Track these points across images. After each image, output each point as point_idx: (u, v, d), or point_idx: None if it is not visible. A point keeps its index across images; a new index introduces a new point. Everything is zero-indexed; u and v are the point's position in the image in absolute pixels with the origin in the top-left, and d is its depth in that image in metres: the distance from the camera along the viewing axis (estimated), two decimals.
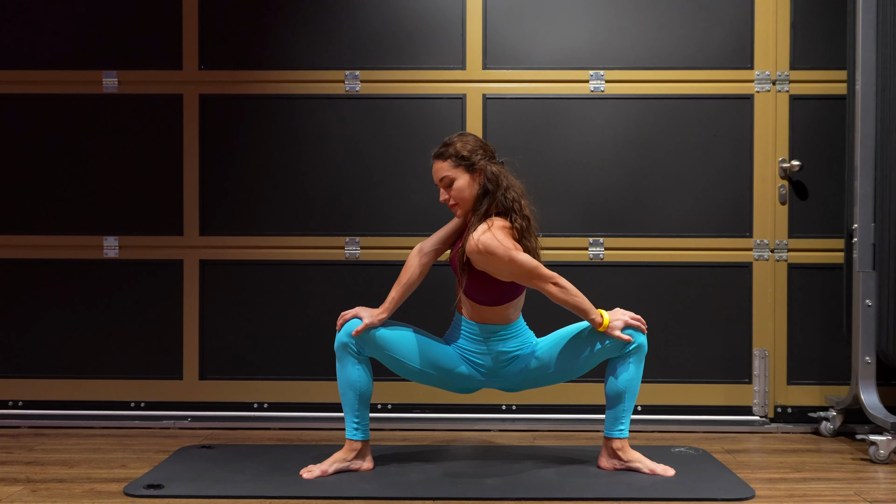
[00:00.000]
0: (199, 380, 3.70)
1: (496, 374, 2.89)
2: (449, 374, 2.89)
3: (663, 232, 3.66)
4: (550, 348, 2.90)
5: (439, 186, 2.89)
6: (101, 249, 3.72)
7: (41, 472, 2.94)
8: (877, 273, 3.26)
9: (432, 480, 2.79)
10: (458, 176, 2.85)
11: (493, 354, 2.87)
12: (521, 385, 2.94)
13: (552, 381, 2.93)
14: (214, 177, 3.71)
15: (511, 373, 2.89)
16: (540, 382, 2.93)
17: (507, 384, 2.94)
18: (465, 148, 2.85)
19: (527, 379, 2.91)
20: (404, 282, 2.87)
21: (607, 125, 3.67)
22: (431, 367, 2.88)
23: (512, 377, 2.90)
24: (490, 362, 2.87)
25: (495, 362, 2.88)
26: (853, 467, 3.05)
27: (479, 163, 2.85)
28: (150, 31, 3.71)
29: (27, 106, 3.73)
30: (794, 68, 3.64)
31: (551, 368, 2.89)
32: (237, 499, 2.64)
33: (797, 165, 3.60)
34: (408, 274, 2.88)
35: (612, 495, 2.66)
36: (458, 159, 2.85)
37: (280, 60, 3.71)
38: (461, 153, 2.85)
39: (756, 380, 3.64)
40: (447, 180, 2.86)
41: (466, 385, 2.94)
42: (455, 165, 2.85)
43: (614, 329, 2.84)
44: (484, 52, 3.68)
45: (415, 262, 2.90)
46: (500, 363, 2.88)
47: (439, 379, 2.91)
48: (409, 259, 2.91)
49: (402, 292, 2.87)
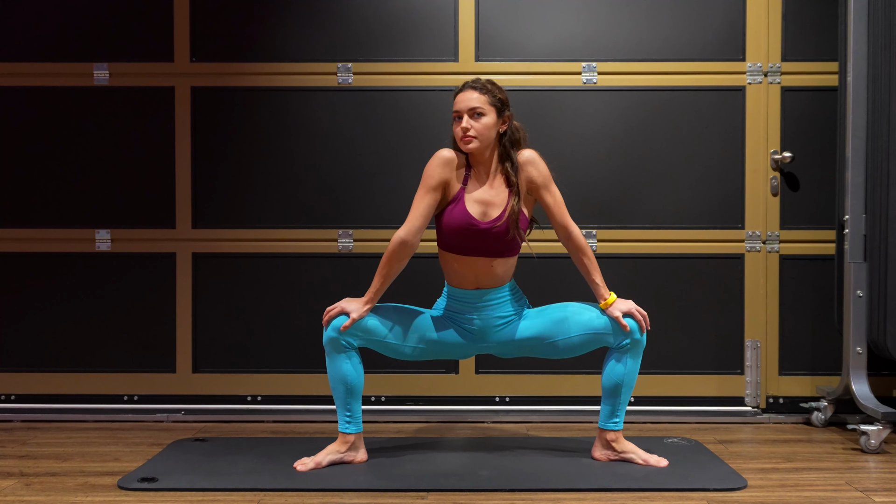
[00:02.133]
0: (193, 373, 3.70)
1: (488, 339, 2.92)
2: (441, 345, 2.92)
3: (655, 223, 3.67)
4: (545, 316, 2.91)
5: (462, 114, 2.83)
6: (93, 242, 3.71)
7: (34, 465, 2.94)
8: (868, 264, 3.28)
9: (426, 472, 2.79)
10: (489, 112, 2.84)
11: (485, 319, 2.89)
12: (514, 350, 2.96)
13: (543, 352, 2.94)
14: (207, 169, 3.70)
15: (503, 337, 2.91)
16: (533, 350, 2.94)
17: (499, 349, 2.96)
18: (503, 92, 2.90)
19: (521, 347, 2.93)
20: (391, 274, 2.85)
21: (600, 117, 3.67)
22: (423, 342, 2.90)
23: (505, 342, 2.92)
24: (482, 325, 2.90)
25: (487, 326, 2.90)
26: (844, 457, 3.07)
27: (508, 111, 2.89)
28: (141, 24, 3.70)
29: (18, 98, 3.71)
30: (786, 60, 3.64)
31: (545, 341, 2.90)
32: (231, 491, 2.64)
33: (789, 157, 3.61)
34: (395, 268, 2.84)
35: (605, 486, 2.67)
36: (494, 98, 2.86)
37: (272, 52, 3.70)
38: (498, 95, 2.88)
39: (748, 370, 3.66)
40: (478, 111, 2.84)
41: (461, 352, 2.97)
42: (490, 102, 2.85)
43: (616, 310, 2.85)
44: (476, 44, 3.67)
45: (403, 257, 2.84)
46: (492, 327, 2.90)
47: (433, 352, 2.93)
48: (396, 252, 2.82)
49: (386, 283, 2.86)
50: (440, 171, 2.84)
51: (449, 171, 2.85)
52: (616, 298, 2.88)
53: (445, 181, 2.85)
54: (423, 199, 2.84)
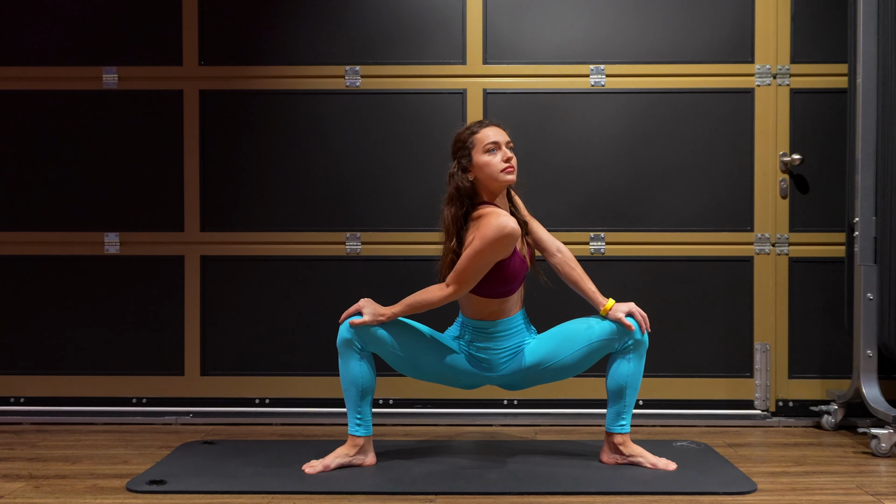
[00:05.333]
0: (201, 375, 3.71)
1: (498, 371, 2.89)
2: (451, 371, 2.90)
3: (664, 226, 3.66)
4: (550, 343, 2.90)
5: (501, 145, 2.82)
6: (101, 246, 3.72)
7: (43, 468, 2.94)
8: (878, 266, 3.26)
9: (434, 475, 2.79)
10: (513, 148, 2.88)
11: (495, 350, 2.87)
12: (523, 382, 2.93)
13: (554, 377, 2.92)
14: (215, 172, 3.71)
15: (512, 369, 2.89)
16: (543, 379, 2.93)
17: (509, 381, 2.93)
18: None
19: (528, 375, 2.91)
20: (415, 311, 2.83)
21: (608, 119, 3.66)
22: (434, 364, 2.88)
23: (513, 373, 2.90)
24: (492, 358, 2.87)
25: (497, 358, 2.88)
26: (855, 461, 3.05)
27: None
28: (150, 27, 3.71)
29: (27, 102, 3.73)
30: (795, 62, 3.63)
31: (552, 364, 2.88)
32: (240, 494, 2.64)
33: (798, 159, 3.60)
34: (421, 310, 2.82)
35: (614, 489, 2.66)
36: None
37: (280, 56, 3.70)
38: None
39: (757, 374, 3.64)
40: (511, 146, 2.86)
41: (469, 381, 2.94)
42: None
43: (618, 311, 2.85)
44: (484, 46, 3.67)
45: (432, 307, 2.81)
46: (501, 359, 2.88)
47: (441, 375, 2.91)
48: (433, 302, 2.80)
49: (407, 314, 2.84)
50: (510, 247, 2.76)
51: (515, 243, 2.79)
52: (615, 302, 2.87)
53: None
54: (483, 270, 2.75)
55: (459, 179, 2.82)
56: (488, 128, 2.84)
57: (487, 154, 2.80)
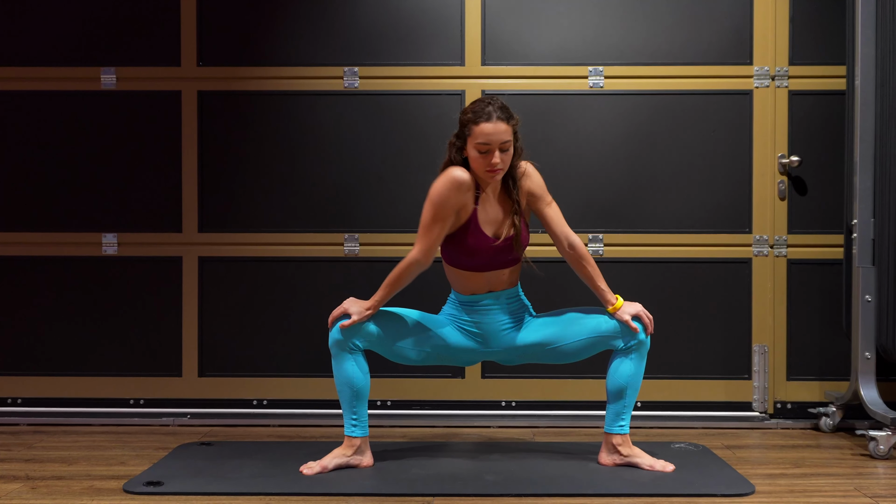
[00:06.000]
0: (199, 377, 3.70)
1: (492, 346, 2.91)
2: (446, 350, 2.91)
3: (662, 228, 3.66)
4: (555, 325, 2.91)
5: (493, 148, 2.73)
6: (99, 246, 3.71)
7: (40, 469, 2.94)
8: (876, 268, 3.26)
9: (432, 477, 2.79)
10: (512, 142, 2.78)
11: (493, 322, 2.88)
12: (519, 358, 2.95)
13: (551, 359, 2.93)
14: (213, 173, 3.70)
15: (508, 344, 2.90)
16: (538, 358, 2.93)
17: (506, 356, 2.95)
18: (516, 115, 2.81)
19: (526, 353, 2.92)
20: (398, 288, 2.84)
21: (606, 121, 3.66)
22: (428, 347, 2.89)
23: (510, 349, 2.91)
24: (489, 329, 2.89)
25: (494, 330, 2.89)
26: (853, 463, 3.05)
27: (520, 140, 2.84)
28: (148, 28, 3.71)
29: (25, 102, 3.72)
30: (793, 64, 3.63)
31: (552, 346, 2.89)
32: (237, 496, 2.63)
33: (796, 161, 3.60)
34: (403, 284, 2.84)
35: (612, 491, 2.66)
36: (515, 124, 2.79)
37: (278, 57, 3.70)
38: (516, 119, 2.80)
39: (756, 375, 3.64)
40: (507, 146, 2.76)
41: (467, 358, 2.96)
42: (513, 131, 2.78)
43: (625, 313, 2.85)
44: (483, 47, 3.67)
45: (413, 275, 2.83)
46: (499, 331, 2.89)
47: (438, 357, 2.93)
48: (408, 271, 2.81)
49: (391, 295, 2.85)
50: (456, 197, 2.76)
51: (464, 195, 2.78)
52: (623, 302, 2.87)
53: (461, 206, 2.80)
54: (437, 223, 2.77)
55: (454, 153, 2.82)
56: (488, 123, 2.73)
57: (478, 151, 2.76)
